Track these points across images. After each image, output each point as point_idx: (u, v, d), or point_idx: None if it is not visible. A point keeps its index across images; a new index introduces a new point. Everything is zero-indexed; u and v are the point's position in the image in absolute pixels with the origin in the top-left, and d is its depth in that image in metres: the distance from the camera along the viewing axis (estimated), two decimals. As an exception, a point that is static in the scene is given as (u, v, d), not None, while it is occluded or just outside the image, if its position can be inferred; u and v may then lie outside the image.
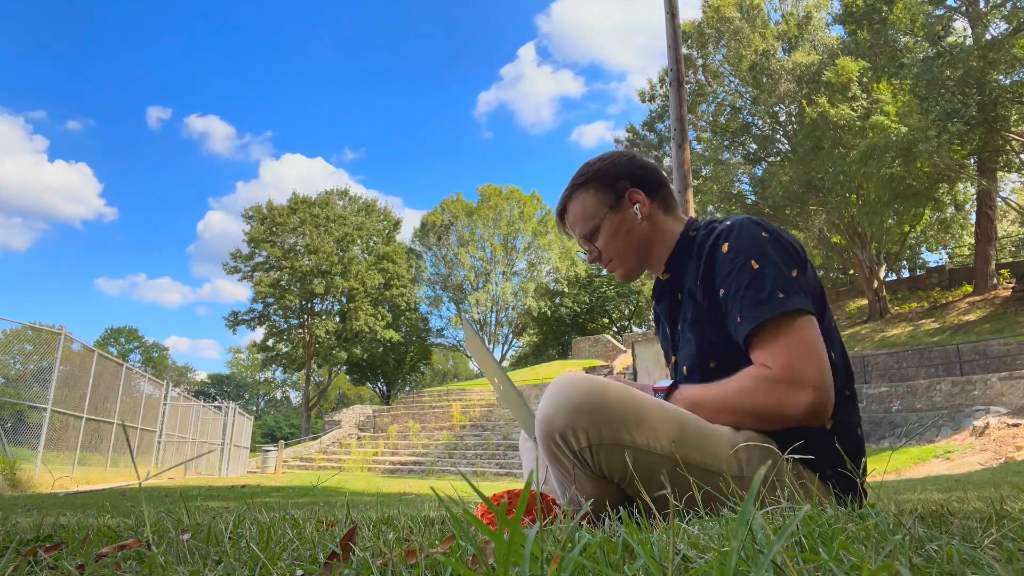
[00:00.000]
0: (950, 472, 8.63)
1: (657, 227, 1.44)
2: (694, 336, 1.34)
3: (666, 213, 1.46)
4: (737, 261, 1.23)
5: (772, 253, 1.22)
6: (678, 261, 1.40)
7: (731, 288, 1.23)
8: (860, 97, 20.17)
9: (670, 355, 1.47)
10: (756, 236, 1.25)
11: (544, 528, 0.70)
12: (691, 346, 1.34)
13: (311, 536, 0.96)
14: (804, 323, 1.17)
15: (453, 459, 18.46)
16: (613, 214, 1.43)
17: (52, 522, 1.36)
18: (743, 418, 1.19)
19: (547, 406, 1.16)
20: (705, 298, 1.29)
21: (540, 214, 44.37)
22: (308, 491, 6.05)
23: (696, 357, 1.32)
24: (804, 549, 0.60)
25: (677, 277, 1.41)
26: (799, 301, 1.17)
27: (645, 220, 1.43)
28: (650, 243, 1.44)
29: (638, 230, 1.43)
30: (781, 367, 1.14)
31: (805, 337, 1.16)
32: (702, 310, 1.31)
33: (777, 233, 1.27)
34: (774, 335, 1.16)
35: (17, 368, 10.34)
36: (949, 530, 0.79)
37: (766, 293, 1.17)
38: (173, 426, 15.53)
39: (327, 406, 49.93)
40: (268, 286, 37.97)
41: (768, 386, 1.15)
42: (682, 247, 1.41)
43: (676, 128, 7.20)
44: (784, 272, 1.20)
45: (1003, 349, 15.75)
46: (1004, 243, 29.28)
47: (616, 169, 1.45)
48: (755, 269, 1.20)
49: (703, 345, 1.31)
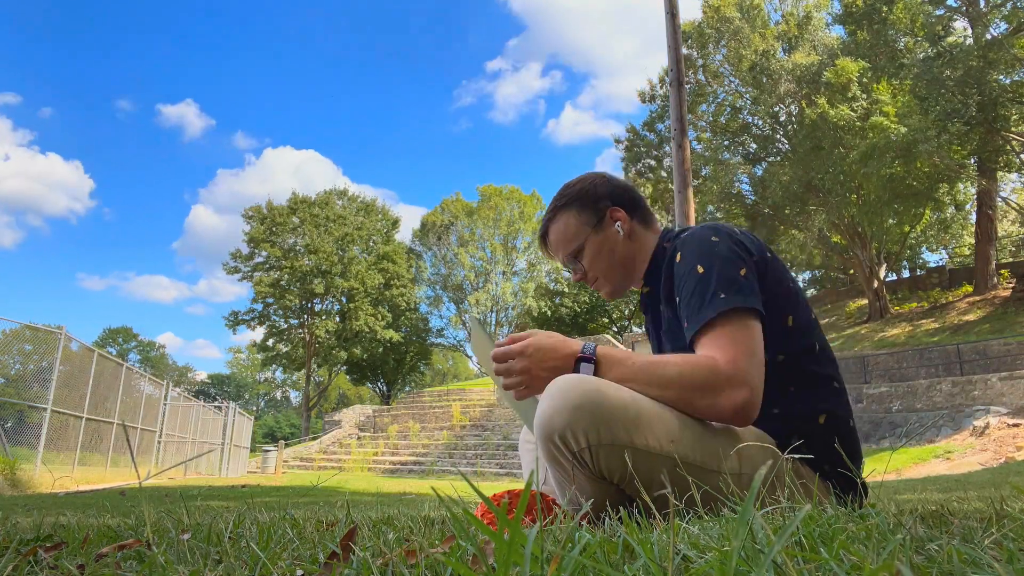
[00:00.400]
0: (950, 472, 8.63)
1: (639, 243, 1.47)
2: (669, 345, 1.37)
3: (645, 228, 1.48)
4: (686, 268, 1.25)
5: (718, 255, 1.23)
6: (655, 273, 1.43)
7: (682, 295, 1.25)
8: (860, 97, 20.17)
9: None
10: (705, 241, 1.26)
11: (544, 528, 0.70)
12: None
13: (311, 536, 0.96)
14: (747, 321, 1.17)
15: (453, 459, 18.46)
16: (596, 234, 1.45)
17: (52, 522, 1.36)
18: (671, 396, 1.16)
19: (546, 407, 1.16)
20: (668, 307, 1.33)
21: (540, 214, 44.38)
22: (308, 491, 6.05)
23: None
24: (804, 549, 0.60)
25: (655, 289, 1.43)
26: (741, 300, 1.17)
27: (627, 237, 1.45)
28: (632, 259, 1.46)
29: (621, 247, 1.45)
30: (727, 361, 1.13)
31: (747, 336, 1.16)
32: (671, 320, 1.33)
33: (730, 234, 1.28)
34: (717, 332, 1.16)
35: (17, 368, 10.34)
36: (949, 530, 0.79)
37: (708, 295, 1.19)
38: (173, 426, 15.53)
39: (327, 406, 49.94)
40: (268, 286, 37.98)
41: (710, 375, 1.13)
42: (656, 258, 1.44)
43: (676, 128, 7.19)
44: (728, 272, 1.20)
45: (1003, 349, 15.75)
46: (1004, 243, 29.27)
47: (595, 189, 1.47)
48: (700, 273, 1.22)
49: (679, 350, 1.32)
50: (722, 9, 24.06)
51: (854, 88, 20.14)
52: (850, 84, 20.09)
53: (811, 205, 23.53)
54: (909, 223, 23.98)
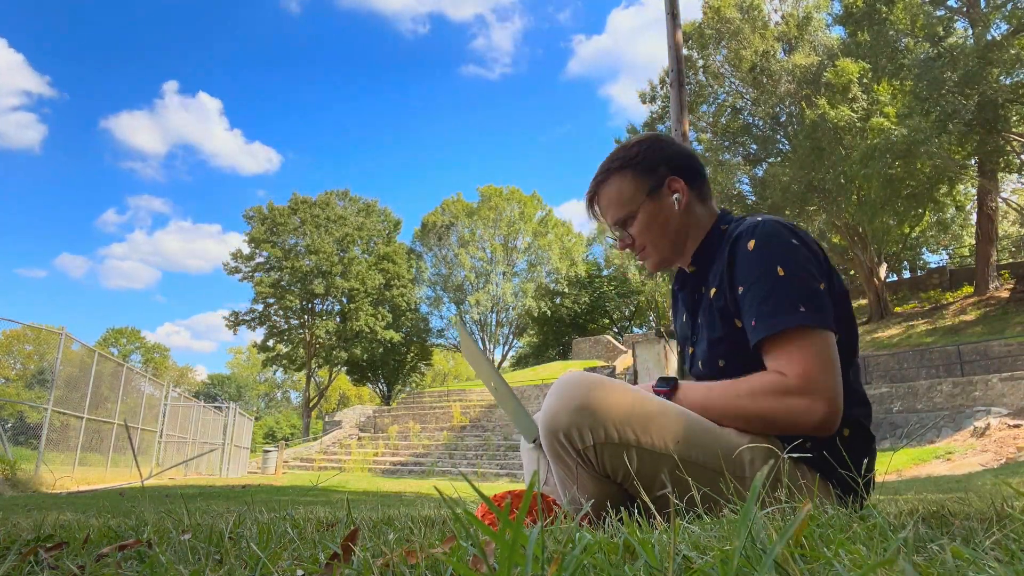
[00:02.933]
0: (951, 473, 8.62)
1: (693, 218, 1.38)
2: (707, 332, 1.31)
3: (702, 204, 1.40)
4: (762, 262, 1.18)
5: (801, 262, 1.18)
6: (706, 254, 1.36)
7: (752, 289, 1.18)
8: (860, 98, 20.16)
9: (687, 346, 1.44)
10: (786, 241, 1.20)
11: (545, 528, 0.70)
12: (704, 343, 1.32)
13: (311, 536, 0.96)
14: (823, 338, 1.14)
15: (454, 459, 18.45)
16: (651, 201, 1.36)
17: (53, 522, 1.36)
18: (752, 423, 1.16)
19: (551, 405, 1.16)
20: (729, 291, 1.24)
21: (540, 214, 44.39)
22: (308, 491, 6.05)
23: (707, 353, 1.31)
24: (805, 549, 0.60)
25: (703, 271, 1.36)
26: (821, 319, 1.14)
27: (683, 210, 1.37)
28: (685, 234, 1.38)
29: (675, 220, 1.37)
30: (797, 375, 1.11)
31: (822, 351, 1.13)
32: (718, 306, 1.27)
33: (806, 241, 1.23)
34: (791, 345, 1.13)
35: (18, 368, 10.36)
36: (950, 530, 0.79)
37: (789, 303, 1.14)
38: (174, 426, 15.54)
39: (327, 407, 49.95)
40: (268, 286, 38.01)
41: (782, 394, 1.12)
42: (711, 240, 1.36)
43: (676, 129, 7.19)
44: (810, 284, 1.16)
45: (1004, 350, 15.73)
46: (1004, 244, 29.26)
47: (656, 154, 1.38)
48: (780, 276, 1.16)
49: (712, 342, 1.29)
50: (722, 10, 24.05)
51: (855, 89, 20.13)
52: (851, 85, 20.08)
53: (811, 206, 23.52)
54: (909, 224, 23.98)
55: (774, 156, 25.21)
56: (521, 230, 43.41)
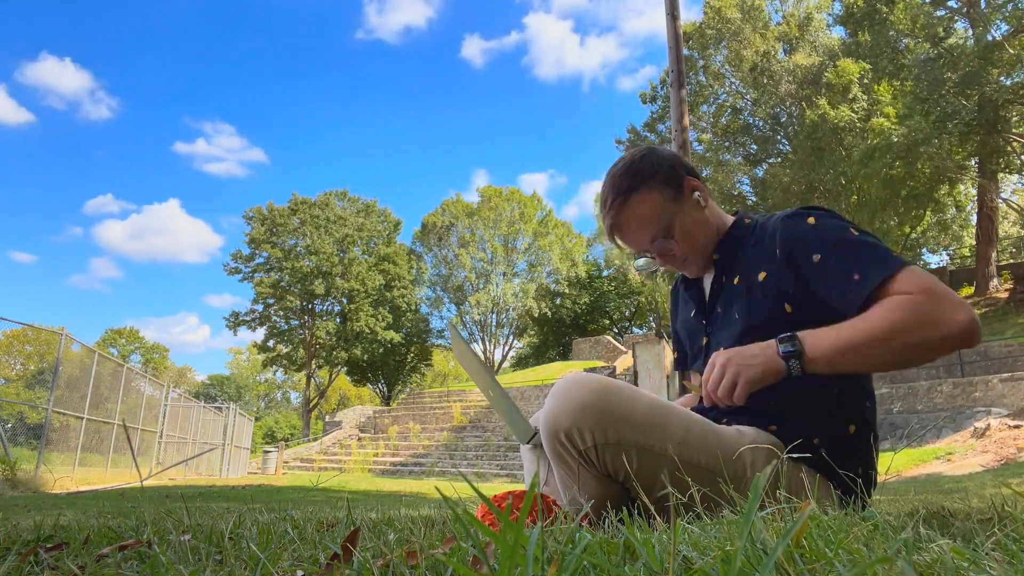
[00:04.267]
0: (951, 473, 8.62)
1: (715, 212, 1.43)
2: (742, 316, 1.30)
3: (712, 200, 1.45)
4: (831, 230, 1.20)
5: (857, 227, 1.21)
6: (733, 245, 1.38)
7: (835, 252, 1.17)
8: (861, 99, 20.17)
9: (699, 337, 1.44)
10: (834, 213, 1.25)
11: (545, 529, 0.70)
12: (736, 327, 1.30)
13: (312, 537, 0.96)
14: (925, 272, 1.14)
15: (454, 460, 18.46)
16: (680, 207, 1.37)
17: (53, 522, 1.36)
18: (897, 346, 1.08)
19: (553, 405, 1.16)
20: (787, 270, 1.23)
21: (541, 215, 44.39)
22: (308, 491, 6.05)
23: (739, 340, 1.27)
24: (805, 549, 0.60)
25: (728, 261, 1.38)
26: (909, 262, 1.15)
27: (705, 207, 1.40)
28: (715, 228, 1.41)
29: (705, 218, 1.40)
30: (924, 289, 1.08)
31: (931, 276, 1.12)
32: (764, 289, 1.27)
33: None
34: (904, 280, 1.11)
35: (18, 368, 10.37)
36: (950, 531, 0.79)
37: (883, 252, 1.15)
38: (174, 427, 15.54)
39: (327, 407, 49.93)
40: (268, 287, 38.03)
41: (919, 306, 1.07)
42: (739, 230, 1.39)
43: (677, 129, 7.19)
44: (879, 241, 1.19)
45: (1004, 350, 15.73)
46: (1004, 244, 29.25)
47: (668, 162, 1.40)
48: (856, 235, 1.18)
49: (753, 324, 1.27)
50: (723, 10, 24.07)
51: (855, 89, 20.14)
52: (851, 85, 20.09)
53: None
54: (910, 224, 23.98)
55: (774, 156, 25.22)
56: (521, 231, 43.42)
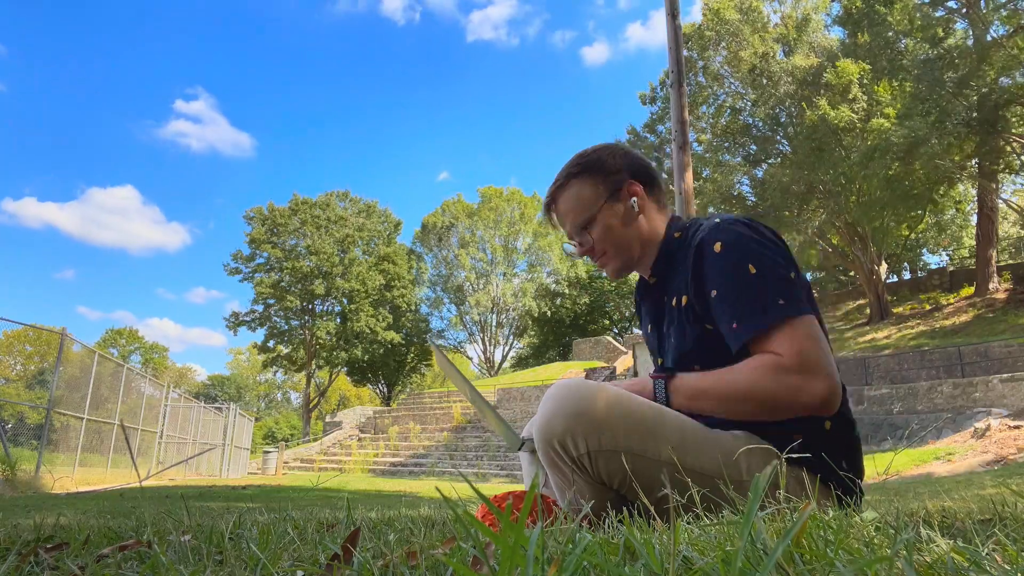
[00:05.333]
0: (951, 473, 8.62)
1: (651, 224, 1.39)
2: (676, 340, 1.30)
3: (659, 210, 1.41)
4: (730, 262, 1.18)
5: (769, 255, 1.18)
6: (664, 263, 1.36)
7: (725, 290, 1.17)
8: (860, 99, 20.16)
9: (657, 357, 1.43)
10: (749, 238, 1.20)
11: (545, 529, 0.70)
12: (675, 351, 1.30)
13: (312, 537, 0.96)
14: (808, 321, 1.13)
15: (454, 460, 18.45)
16: (610, 205, 1.37)
17: (53, 523, 1.36)
18: (753, 407, 1.13)
19: (546, 412, 1.15)
20: (696, 298, 1.23)
21: (541, 215, 44.34)
22: (308, 492, 6.05)
23: (679, 364, 1.29)
24: (805, 549, 0.60)
25: (663, 281, 1.36)
26: (800, 306, 1.14)
27: (641, 214, 1.38)
28: (644, 240, 1.38)
29: (634, 224, 1.38)
30: (793, 355, 1.10)
31: (811, 332, 1.12)
32: (687, 313, 1.26)
33: (767, 235, 1.23)
34: (779, 335, 1.12)
35: (18, 369, 10.38)
36: (950, 530, 0.79)
37: (767, 299, 1.13)
38: (174, 427, 15.53)
39: (328, 407, 49.92)
40: (269, 287, 38.02)
41: (782, 373, 1.10)
42: (668, 248, 1.36)
43: (677, 130, 7.19)
44: (783, 276, 1.16)
45: (1004, 351, 15.73)
46: (1004, 245, 29.25)
47: (614, 160, 1.40)
48: (752, 274, 1.15)
49: (684, 351, 1.27)
50: (722, 11, 24.06)
51: (855, 89, 20.14)
52: (851, 85, 20.08)
53: (811, 206, 23.54)
54: (909, 225, 23.98)
55: (774, 157, 25.21)
56: (521, 231, 43.45)
